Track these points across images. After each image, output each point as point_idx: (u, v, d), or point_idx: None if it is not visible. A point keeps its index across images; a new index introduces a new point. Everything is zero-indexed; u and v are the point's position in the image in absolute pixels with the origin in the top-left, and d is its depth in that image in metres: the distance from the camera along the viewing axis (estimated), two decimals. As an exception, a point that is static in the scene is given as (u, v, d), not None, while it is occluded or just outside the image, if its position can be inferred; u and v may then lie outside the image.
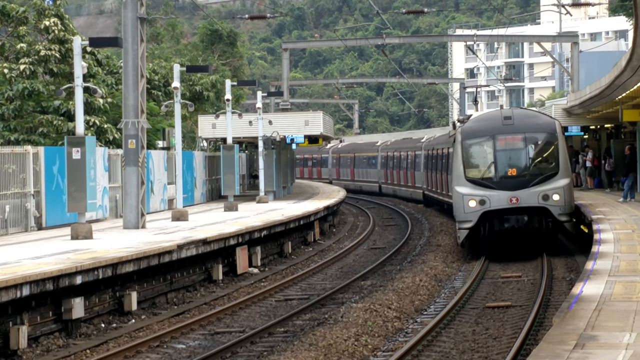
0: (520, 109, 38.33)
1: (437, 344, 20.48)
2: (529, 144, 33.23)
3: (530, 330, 20.41)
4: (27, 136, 46.03)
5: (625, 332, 13.48)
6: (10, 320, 20.05)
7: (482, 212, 32.39)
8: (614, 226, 29.86)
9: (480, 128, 34.59)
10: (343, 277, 32.04)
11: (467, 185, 33.24)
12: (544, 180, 32.62)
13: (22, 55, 49.36)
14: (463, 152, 33.77)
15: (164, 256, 26.70)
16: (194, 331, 22.91)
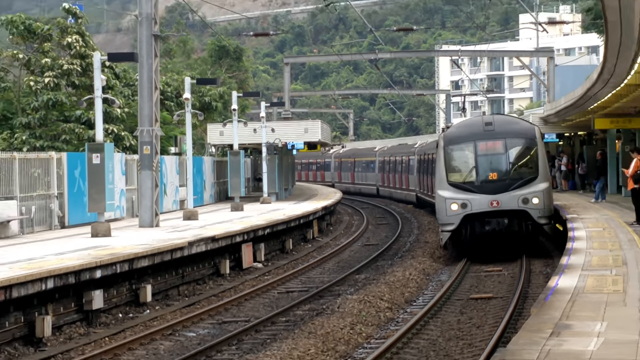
0: (500, 115, 36.91)
1: (425, 332, 20.49)
2: (509, 149, 31.56)
3: (510, 320, 20.41)
4: (51, 143, 46.02)
5: (597, 321, 13.50)
6: (36, 311, 20.09)
7: (464, 215, 30.70)
8: (586, 225, 29.87)
9: (462, 134, 32.89)
10: (339, 271, 32.02)
11: (450, 189, 31.56)
12: (523, 184, 30.89)
13: (46, 69, 49.38)
14: (445, 156, 32.11)
15: (176, 252, 26.72)
16: (204, 320, 22.92)
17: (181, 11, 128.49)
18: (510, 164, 31.47)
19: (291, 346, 18.55)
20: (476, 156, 31.26)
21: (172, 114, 52.69)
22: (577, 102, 40.60)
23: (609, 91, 32.51)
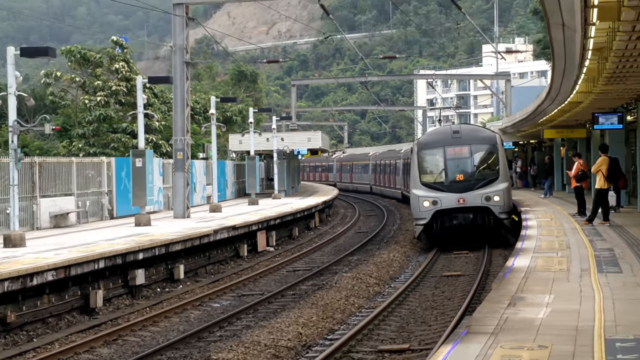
0: (467, 125, 35.26)
1: (406, 303, 20.50)
2: (474, 153, 30.35)
3: (475, 293, 20.42)
4: (102, 150, 46.10)
5: (546, 294, 13.53)
6: (90, 286, 20.14)
7: (435, 211, 29.49)
8: (537, 216, 29.90)
9: (433, 140, 31.80)
10: (336, 254, 31.98)
11: (422, 189, 30.25)
12: (486, 184, 29.66)
13: (98, 90, 49.51)
14: (419, 160, 30.85)
15: (203, 238, 26.76)
16: (226, 294, 22.93)
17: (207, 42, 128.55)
18: (475, 166, 30.45)
19: (297, 314, 18.58)
20: (445, 160, 30.35)
21: (200, 126, 52.74)
22: (529, 116, 40.58)
23: (555, 107, 32.50)
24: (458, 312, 17.98)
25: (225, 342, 16.20)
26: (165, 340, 16.87)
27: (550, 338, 10.22)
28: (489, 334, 10.53)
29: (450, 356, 9.51)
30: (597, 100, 28.80)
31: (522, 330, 10.76)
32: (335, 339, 16.46)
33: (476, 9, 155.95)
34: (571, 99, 28.26)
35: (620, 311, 11.89)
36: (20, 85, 24.04)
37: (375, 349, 15.56)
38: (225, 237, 28.89)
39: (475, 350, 9.71)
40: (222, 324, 18.40)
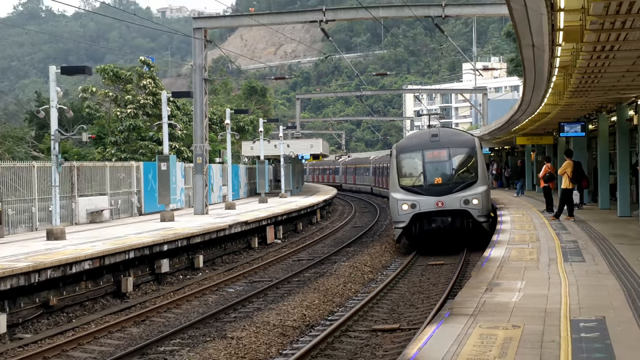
0: (445, 128, 31.09)
1: (396, 289, 20.51)
2: (452, 157, 27.21)
3: (457, 280, 20.44)
4: (131, 155, 46.12)
5: (518, 280, 13.53)
6: (122, 274, 20.18)
7: (413, 214, 26.28)
8: (510, 212, 29.87)
9: (412, 144, 28.56)
10: (335, 245, 32.00)
11: (401, 192, 26.92)
12: (465, 187, 26.57)
13: (128, 103, 49.59)
14: (397, 164, 27.63)
15: (220, 232, 26.79)
16: (239, 280, 22.96)
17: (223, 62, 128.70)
18: (453, 170, 27.20)
19: (301, 298, 18.61)
20: (424, 163, 27.16)
21: (217, 135, 52.79)
22: (504, 125, 40.58)
23: (526, 118, 32.49)
24: (442, 297, 18.01)
25: (239, 322, 16.24)
26: (187, 320, 16.91)
27: (523, 319, 10.22)
28: (469, 316, 10.54)
29: (435, 335, 9.51)
30: (562, 111, 28.81)
31: (497, 312, 10.77)
32: (335, 319, 16.47)
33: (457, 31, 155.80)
34: (540, 110, 28.26)
35: (584, 296, 11.91)
36: (60, 100, 24.08)
37: (370, 328, 15.59)
38: (239, 231, 28.92)
39: (457, 329, 9.72)
40: (236, 306, 18.45)
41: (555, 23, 12.38)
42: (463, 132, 32.67)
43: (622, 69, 18.23)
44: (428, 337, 9.40)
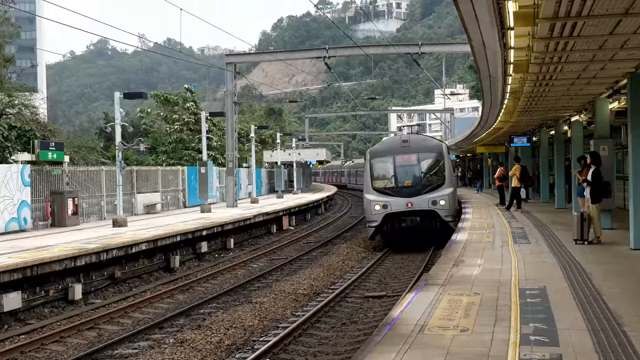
0: (415, 135, 28.55)
1: (384, 265, 20.48)
2: (421, 161, 24.20)
3: (430, 258, 20.40)
4: (178, 161, 46.09)
5: (478, 258, 13.54)
6: (170, 253, 20.22)
7: (385, 214, 23.34)
8: (472, 205, 29.88)
9: (384, 149, 25.43)
10: (336, 231, 31.96)
11: (374, 193, 23.88)
12: (433, 189, 23.55)
13: (175, 121, 49.57)
14: (371, 167, 24.50)
15: (246, 221, 26.79)
16: (261, 258, 22.94)
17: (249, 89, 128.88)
18: (422, 173, 24.12)
19: (310, 272, 18.61)
20: (395, 167, 24.09)
21: (244, 145, 52.84)
22: (466, 138, 40.57)
23: (484, 132, 32.48)
24: (419, 271, 18.00)
25: (261, 291, 16.24)
26: (221, 289, 16.93)
27: (482, 288, 10.24)
28: (440, 285, 10.55)
29: (414, 300, 9.52)
30: (512, 126, 28.81)
31: (462, 282, 10.79)
32: (336, 288, 16.48)
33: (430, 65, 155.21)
34: (495, 126, 28.25)
35: (529, 270, 11.91)
36: (123, 118, 24.16)
37: (362, 295, 15.59)
38: (261, 220, 28.92)
39: (431, 296, 9.73)
40: (259, 278, 18.45)
41: (507, 58, 12.40)
42: (432, 138, 28.41)
43: (558, 94, 18.24)
44: (408, 302, 9.42)
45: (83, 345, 12.13)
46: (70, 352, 11.61)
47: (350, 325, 12.75)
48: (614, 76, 15.13)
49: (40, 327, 13.37)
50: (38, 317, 14.22)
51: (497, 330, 7.66)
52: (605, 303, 8.99)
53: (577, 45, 11.59)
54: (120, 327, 13.38)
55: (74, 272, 15.74)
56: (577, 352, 6.78)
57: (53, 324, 13.64)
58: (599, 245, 14.93)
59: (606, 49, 11.98)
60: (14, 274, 13.63)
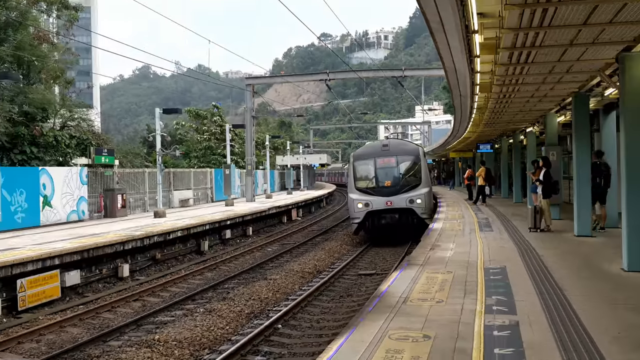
0: (394, 139, 26.36)
1: (373, 249, 20.44)
2: (400, 163, 22.16)
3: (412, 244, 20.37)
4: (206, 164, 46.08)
5: (451, 243, 13.52)
6: (201, 238, 20.19)
7: (367, 211, 21.30)
8: (446, 200, 29.83)
9: (366, 152, 23.10)
10: (335, 220, 31.91)
11: (357, 193, 21.79)
12: (410, 189, 21.54)
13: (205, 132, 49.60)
14: (354, 169, 22.38)
15: (262, 212, 26.73)
16: (274, 243, 22.88)
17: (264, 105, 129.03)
18: (401, 174, 21.96)
19: (313, 254, 18.60)
20: (376, 169, 21.98)
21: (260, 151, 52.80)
22: (441, 145, 40.50)
23: (455, 140, 32.44)
24: (402, 253, 17.97)
25: (275, 269, 16.24)
26: (242, 268, 16.93)
27: (453, 267, 10.23)
28: (420, 265, 10.54)
29: (398, 277, 9.52)
30: (479, 136, 28.78)
31: (438, 263, 10.78)
32: (335, 267, 16.47)
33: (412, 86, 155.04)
34: (464, 136, 28.22)
35: (492, 253, 11.90)
36: (162, 129, 24.16)
37: (357, 274, 15.57)
38: (274, 212, 28.88)
39: (412, 274, 9.73)
40: (273, 259, 18.43)
41: (474, 80, 12.40)
42: (410, 142, 26.25)
43: (516, 109, 18.22)
44: (394, 278, 9.42)
45: (130, 313, 12.15)
46: (120, 319, 11.64)
47: (347, 298, 12.75)
48: (561, 95, 15.12)
49: (95, 299, 13.40)
50: (94, 291, 14.24)
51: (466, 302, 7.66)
52: (553, 279, 8.98)
53: (531, 70, 11.60)
54: (160, 299, 13.40)
55: (122, 254, 15.77)
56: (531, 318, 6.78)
57: (106, 296, 13.67)
58: (549, 233, 14.92)
59: (555, 73, 11.99)
60: (74, 255, 13.66)
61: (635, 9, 7.68)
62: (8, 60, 24.16)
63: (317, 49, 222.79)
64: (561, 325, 6.46)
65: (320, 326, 10.48)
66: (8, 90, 24.15)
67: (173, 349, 9.28)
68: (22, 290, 12.01)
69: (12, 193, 18.36)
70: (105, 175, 24.28)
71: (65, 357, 9.25)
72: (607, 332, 6.19)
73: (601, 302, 7.49)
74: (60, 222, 20.44)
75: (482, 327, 6.43)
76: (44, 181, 20.02)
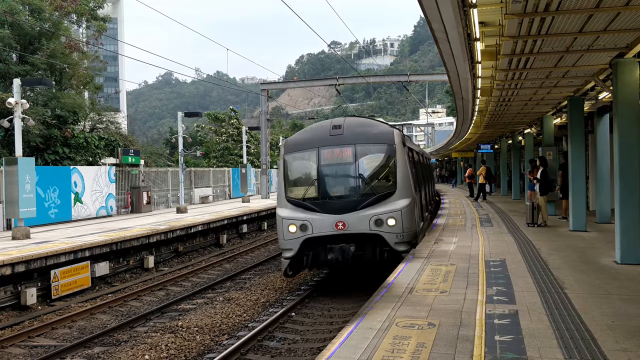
0: (353, 117, 12.63)
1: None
2: (360, 157, 11.44)
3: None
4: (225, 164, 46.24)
5: (453, 237, 13.47)
6: (220, 233, 20.24)
7: (304, 239, 11.22)
8: (448, 197, 29.70)
9: (305, 140, 12.03)
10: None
11: (288, 207, 11.55)
12: (377, 201, 11.12)
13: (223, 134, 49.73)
14: (285, 168, 12.03)
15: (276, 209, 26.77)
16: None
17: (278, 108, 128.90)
18: (361, 176, 11.40)
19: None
20: (319, 166, 11.61)
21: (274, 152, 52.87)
22: (444, 146, 40.36)
23: (457, 141, 32.34)
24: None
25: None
26: (257, 260, 16.97)
27: (456, 260, 10.20)
28: (424, 258, 10.52)
29: (404, 270, 9.51)
30: (480, 137, 28.66)
31: (441, 256, 10.74)
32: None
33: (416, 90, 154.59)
34: (466, 137, 28.12)
35: (492, 246, 11.85)
36: (184, 132, 24.27)
37: (365, 265, 15.42)
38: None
39: (417, 266, 9.72)
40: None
41: (476, 85, 12.36)
42: (380, 122, 12.94)
43: (515, 112, 18.12)
44: (400, 270, 9.41)
45: (155, 301, 12.25)
46: (146, 307, 11.73)
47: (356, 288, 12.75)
48: (557, 99, 15.03)
49: (123, 288, 13.52)
50: (121, 281, 14.37)
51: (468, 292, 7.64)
52: (550, 271, 8.95)
53: (529, 75, 11.54)
54: (182, 288, 13.48)
55: (148, 246, 15.88)
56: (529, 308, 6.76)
57: (132, 285, 13.78)
58: (546, 228, 14.83)
59: (551, 78, 11.93)
60: (103, 248, 13.79)
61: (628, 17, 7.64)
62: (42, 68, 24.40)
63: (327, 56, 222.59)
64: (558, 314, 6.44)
65: (330, 314, 10.49)
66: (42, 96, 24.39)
67: (195, 334, 9.35)
68: (55, 280, 12.15)
69: (46, 190, 18.56)
70: (132, 174, 24.45)
71: (95, 341, 9.35)
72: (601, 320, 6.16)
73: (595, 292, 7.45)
74: (90, 217, 20.62)
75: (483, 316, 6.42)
76: (75, 179, 20.20)
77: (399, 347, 5.38)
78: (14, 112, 14.84)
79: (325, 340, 8.72)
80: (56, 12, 25.48)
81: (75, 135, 24.61)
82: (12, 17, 23.16)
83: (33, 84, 17.39)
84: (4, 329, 10.19)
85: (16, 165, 14.67)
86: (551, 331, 5.81)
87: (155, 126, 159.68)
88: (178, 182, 25.43)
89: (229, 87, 58.27)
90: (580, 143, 13.81)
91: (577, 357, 5.05)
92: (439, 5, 6.57)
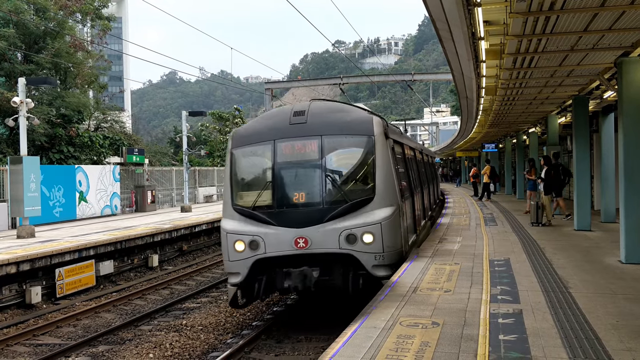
0: (321, 101, 8.61)
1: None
2: (328, 152, 7.67)
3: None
4: (229, 163, 46.31)
5: (458, 236, 13.46)
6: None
7: (255, 259, 7.72)
8: (453, 196, 29.64)
9: (258, 130, 8.12)
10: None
11: (235, 218, 7.97)
12: (349, 210, 7.64)
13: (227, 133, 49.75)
14: (232, 166, 8.26)
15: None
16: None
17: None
18: (329, 177, 7.70)
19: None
20: (274, 165, 7.82)
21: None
22: (448, 145, 40.30)
23: (462, 140, 32.28)
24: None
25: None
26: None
27: (460, 259, 10.19)
28: (429, 257, 10.52)
29: (408, 269, 9.50)
30: (484, 136, 28.60)
31: (445, 255, 10.74)
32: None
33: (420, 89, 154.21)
34: (470, 136, 28.06)
35: (497, 245, 11.84)
36: (188, 131, 24.32)
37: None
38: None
39: (421, 265, 9.72)
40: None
41: (480, 84, 12.34)
42: (355, 107, 8.83)
43: (519, 111, 18.08)
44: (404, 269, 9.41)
45: (159, 300, 12.28)
46: (150, 305, 11.77)
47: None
48: (562, 98, 14.99)
49: (127, 286, 13.57)
50: (125, 279, 14.41)
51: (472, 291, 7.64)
52: (554, 270, 8.93)
53: (534, 74, 11.52)
54: (186, 287, 13.52)
55: (152, 245, 15.92)
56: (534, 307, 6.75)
57: (137, 284, 13.83)
58: (550, 227, 14.80)
59: (556, 77, 11.90)
60: (108, 246, 13.84)
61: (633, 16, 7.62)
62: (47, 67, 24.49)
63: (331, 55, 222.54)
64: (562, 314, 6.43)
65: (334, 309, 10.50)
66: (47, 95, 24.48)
67: (199, 333, 9.37)
68: (60, 279, 12.20)
69: (50, 189, 18.63)
70: (136, 173, 24.52)
71: (100, 340, 9.38)
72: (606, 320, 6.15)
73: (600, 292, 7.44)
74: (94, 216, 20.69)
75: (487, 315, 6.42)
76: (80, 178, 20.28)
77: (403, 346, 5.39)
78: (19, 111, 14.91)
79: (330, 338, 8.72)
80: (61, 12, 25.57)
81: (80, 134, 24.70)
82: (17, 17, 23.26)
83: (38, 83, 17.48)
84: (9, 327, 10.25)
85: (21, 164, 14.74)
86: (555, 330, 5.81)
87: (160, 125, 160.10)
88: (182, 181, 25.50)
89: (233, 86, 58.32)
90: (585, 142, 13.77)
91: (581, 357, 5.04)
92: (444, 4, 6.56)
